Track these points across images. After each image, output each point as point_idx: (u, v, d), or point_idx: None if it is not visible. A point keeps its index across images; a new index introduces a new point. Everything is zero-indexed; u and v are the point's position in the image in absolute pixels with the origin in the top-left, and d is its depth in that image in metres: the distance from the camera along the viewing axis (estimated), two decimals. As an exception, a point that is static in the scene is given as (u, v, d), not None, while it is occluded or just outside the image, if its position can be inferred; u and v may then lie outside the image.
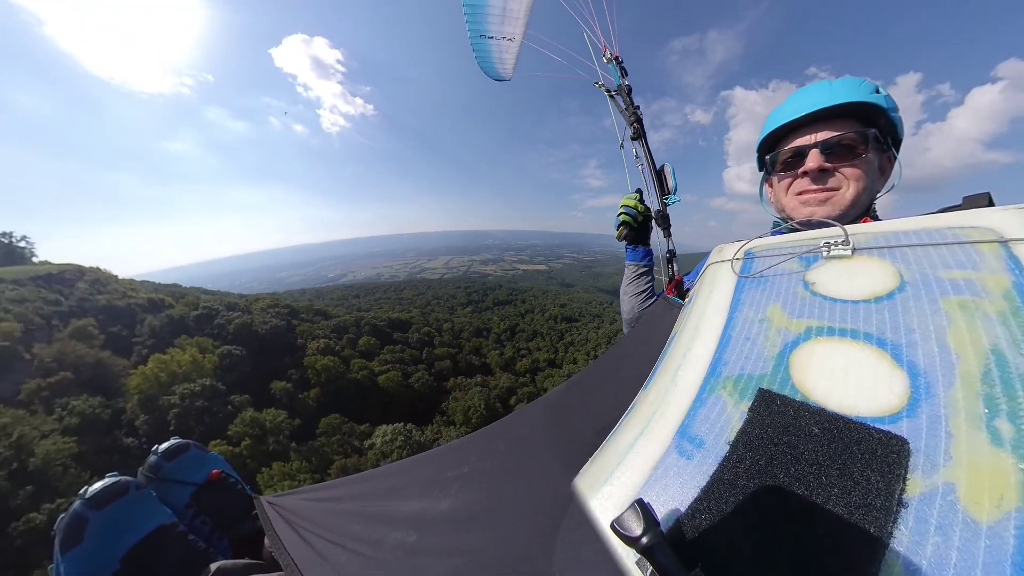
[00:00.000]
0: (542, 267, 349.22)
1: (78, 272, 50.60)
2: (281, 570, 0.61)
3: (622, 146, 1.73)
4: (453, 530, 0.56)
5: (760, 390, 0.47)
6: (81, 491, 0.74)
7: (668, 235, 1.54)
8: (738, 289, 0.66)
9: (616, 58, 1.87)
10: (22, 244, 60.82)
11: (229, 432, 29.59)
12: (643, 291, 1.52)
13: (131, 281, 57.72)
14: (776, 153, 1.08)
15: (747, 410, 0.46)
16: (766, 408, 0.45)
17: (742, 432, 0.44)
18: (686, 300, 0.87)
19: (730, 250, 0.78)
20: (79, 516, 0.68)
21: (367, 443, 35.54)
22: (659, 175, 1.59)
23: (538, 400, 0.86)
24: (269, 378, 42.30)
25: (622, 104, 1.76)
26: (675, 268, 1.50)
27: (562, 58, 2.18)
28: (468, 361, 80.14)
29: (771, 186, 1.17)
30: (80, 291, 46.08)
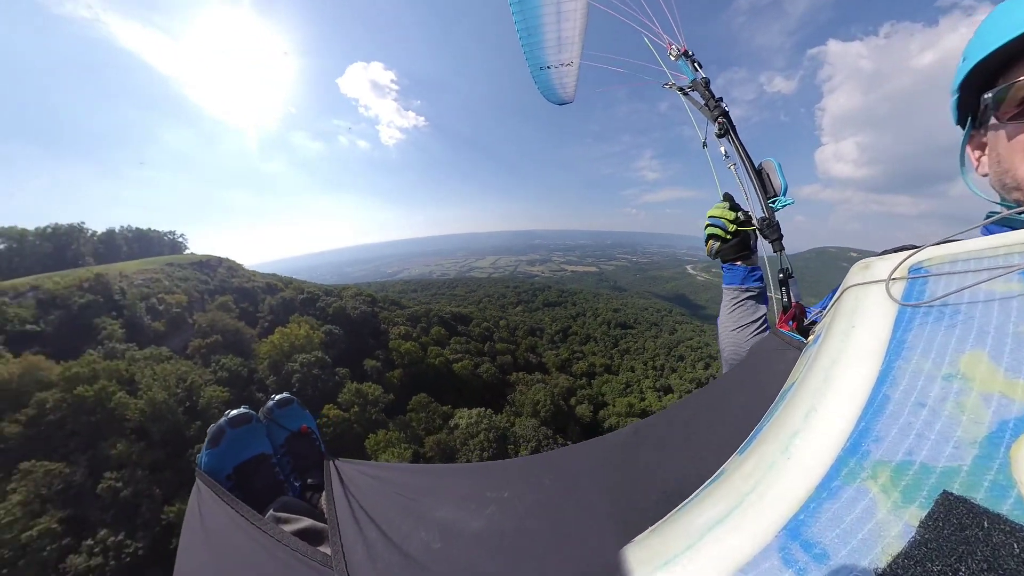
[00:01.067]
0: (592, 269, 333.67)
1: (217, 261, 62.23)
2: (326, 523, 0.70)
3: (705, 145, 1.51)
4: (477, 552, 0.51)
5: (946, 494, 0.27)
6: (227, 412, 1.01)
7: (779, 248, 1.19)
8: (901, 324, 0.43)
9: (685, 52, 1.72)
10: (180, 239, 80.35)
11: (339, 399, 33.20)
12: (748, 323, 1.16)
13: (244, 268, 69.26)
14: (1004, 89, 0.60)
15: (916, 523, 0.27)
16: (958, 527, 0.25)
17: (904, 558, 0.25)
18: (810, 338, 0.62)
19: (883, 265, 0.51)
20: (221, 428, 0.95)
21: (452, 423, 37.38)
22: (759, 174, 1.28)
23: (599, 439, 0.71)
24: (360, 356, 46.69)
25: (700, 100, 1.55)
26: (791, 292, 1.13)
27: (623, 68, 2.10)
28: (526, 359, 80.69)
29: (980, 149, 0.70)
30: (220, 275, 55.88)
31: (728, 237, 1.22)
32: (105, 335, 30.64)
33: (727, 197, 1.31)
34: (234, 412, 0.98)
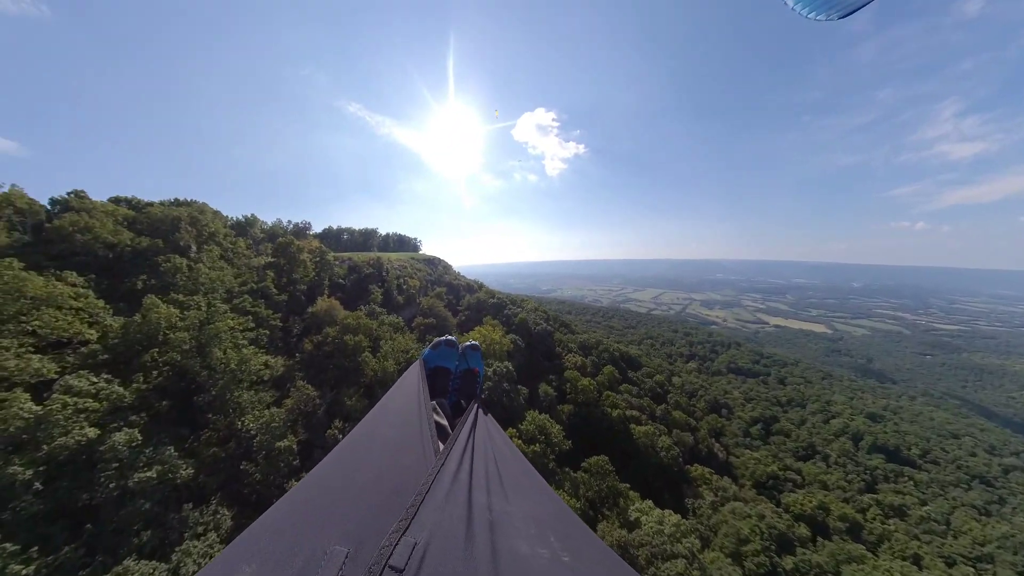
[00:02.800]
0: (819, 327, 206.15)
1: (438, 260, 78.68)
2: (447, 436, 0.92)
3: None
4: (510, 566, 0.45)
5: None
6: (446, 335, 1.57)
7: None
8: None
9: None
10: (418, 242, 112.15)
11: (521, 427, 29.29)
12: None
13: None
14: None
15: None
16: None
17: None
18: None
19: None
20: (439, 342, 1.52)
21: (630, 513, 27.22)
22: None
23: None
24: (536, 376, 43.34)
25: None
26: None
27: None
28: (709, 447, 59.02)
29: None
30: (439, 271, 67.77)
31: None
32: (371, 298, 38.79)
33: None
34: (449, 337, 1.56)
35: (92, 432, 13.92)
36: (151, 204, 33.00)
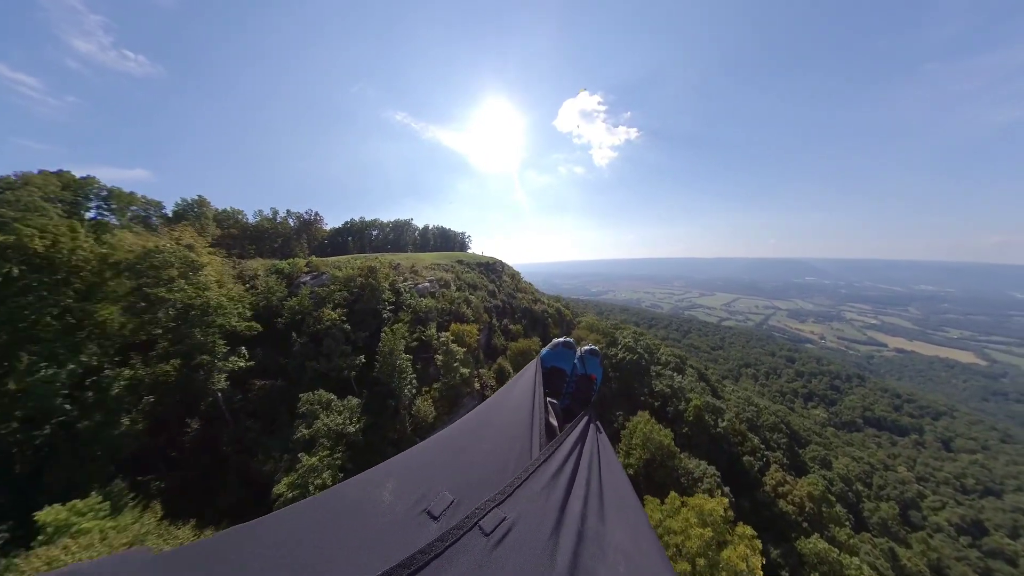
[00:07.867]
0: (965, 355, 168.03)
1: (500, 264, 54.59)
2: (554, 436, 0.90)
3: None
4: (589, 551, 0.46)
5: None
6: (565, 337, 1.52)
7: None
8: None
9: None
10: (467, 239, 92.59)
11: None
12: None
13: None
14: None
15: None
16: None
17: None
18: None
19: None
20: (558, 343, 1.46)
21: None
22: None
23: None
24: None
25: None
26: None
27: None
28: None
29: None
30: (505, 286, 44.89)
31: None
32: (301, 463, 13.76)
33: None
34: (568, 339, 1.49)
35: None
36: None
